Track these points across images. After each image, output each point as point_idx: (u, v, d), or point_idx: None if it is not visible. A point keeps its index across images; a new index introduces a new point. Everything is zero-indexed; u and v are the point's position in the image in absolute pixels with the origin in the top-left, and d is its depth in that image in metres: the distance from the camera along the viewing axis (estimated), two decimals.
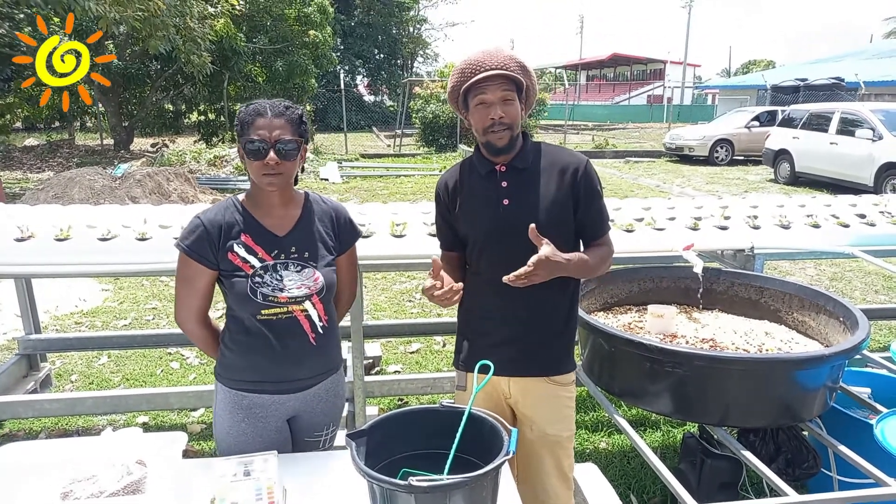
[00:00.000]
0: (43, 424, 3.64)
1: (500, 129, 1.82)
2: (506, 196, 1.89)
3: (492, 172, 1.91)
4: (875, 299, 5.97)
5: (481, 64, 1.81)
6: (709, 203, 3.79)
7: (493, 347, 1.94)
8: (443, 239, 2.07)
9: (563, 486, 2.03)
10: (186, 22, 12.58)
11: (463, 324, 2.08)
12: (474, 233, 1.94)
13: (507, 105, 1.82)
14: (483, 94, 1.81)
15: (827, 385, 2.25)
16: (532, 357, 1.96)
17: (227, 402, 1.84)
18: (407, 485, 1.22)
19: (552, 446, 1.99)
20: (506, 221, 1.88)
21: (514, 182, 1.90)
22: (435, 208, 2.06)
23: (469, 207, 1.95)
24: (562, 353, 2.00)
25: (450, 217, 2.00)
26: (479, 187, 1.94)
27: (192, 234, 1.77)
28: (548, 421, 1.98)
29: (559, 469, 2.01)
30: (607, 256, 1.97)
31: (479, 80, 1.80)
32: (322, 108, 30.80)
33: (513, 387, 1.98)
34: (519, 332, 1.94)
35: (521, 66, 1.85)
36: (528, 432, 1.99)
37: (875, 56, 26.05)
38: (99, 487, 1.49)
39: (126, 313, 5.51)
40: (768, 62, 48.40)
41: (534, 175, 1.91)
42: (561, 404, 1.99)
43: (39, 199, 9.31)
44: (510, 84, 1.82)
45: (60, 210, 3.40)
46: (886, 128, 11.46)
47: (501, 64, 1.81)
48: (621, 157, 19.17)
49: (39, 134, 24.46)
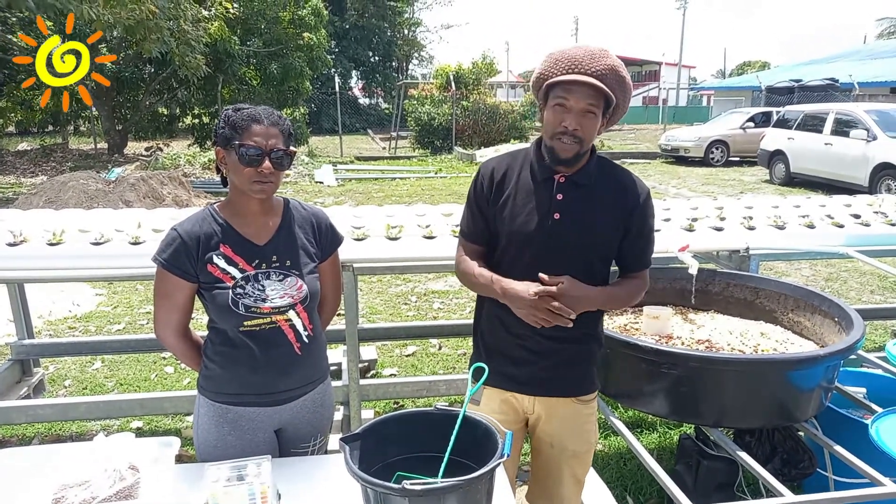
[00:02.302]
0: (36, 430, 3.62)
1: (568, 140, 1.67)
2: (558, 210, 1.76)
3: (549, 180, 1.78)
4: (870, 299, 5.99)
5: (578, 64, 1.65)
6: (704, 204, 3.80)
7: (519, 364, 1.85)
8: (472, 229, 1.88)
9: (575, 491, 2.01)
10: (180, 25, 12.55)
11: (483, 330, 1.94)
12: (513, 237, 1.80)
13: (586, 118, 1.67)
14: (566, 97, 1.66)
15: (822, 385, 2.25)
16: (562, 377, 1.87)
17: (211, 416, 1.80)
18: (401, 488, 1.21)
19: (570, 460, 1.94)
20: (552, 236, 1.76)
21: (569, 197, 1.76)
22: (471, 193, 1.87)
23: (515, 208, 1.79)
24: (590, 373, 1.92)
25: (487, 209, 1.83)
26: (530, 190, 1.79)
27: (170, 247, 1.72)
28: (570, 438, 1.92)
29: (575, 478, 1.98)
30: (641, 290, 1.87)
31: (571, 81, 1.65)
32: (317, 111, 30.80)
33: (538, 405, 1.90)
34: (549, 349, 1.83)
35: (619, 81, 1.68)
36: (549, 448, 1.94)
37: (869, 57, 26.16)
38: (91, 493, 1.48)
39: (120, 318, 5.48)
40: (763, 63, 48.53)
41: (591, 194, 1.78)
42: (584, 420, 1.92)
43: (32, 203, 9.27)
44: (599, 97, 1.66)
45: (53, 214, 3.38)
46: (881, 128, 11.51)
47: (599, 73, 1.64)
48: (617, 159, 18.99)
49: (33, 138, 24.37)
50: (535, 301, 1.69)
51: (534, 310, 1.70)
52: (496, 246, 1.86)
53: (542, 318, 1.70)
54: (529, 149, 1.86)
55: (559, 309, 1.68)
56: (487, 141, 19.55)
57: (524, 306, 1.71)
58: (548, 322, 1.71)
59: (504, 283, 1.75)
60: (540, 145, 1.81)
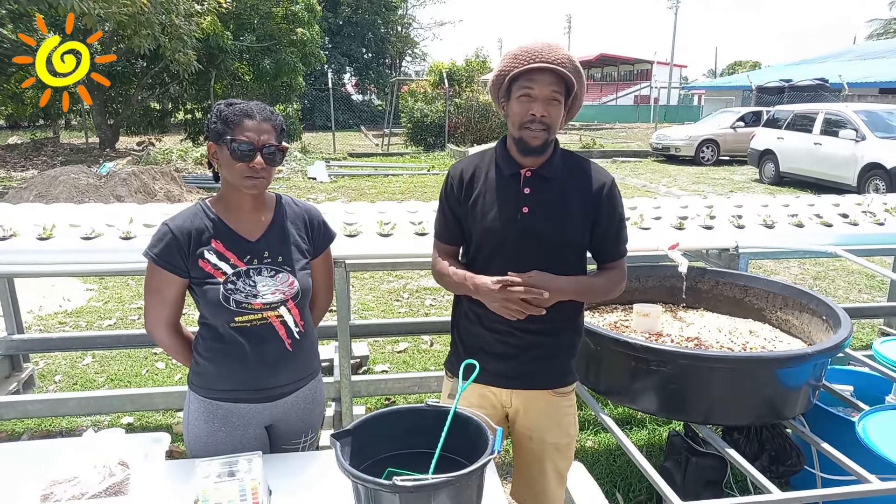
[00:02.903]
0: (26, 425, 3.60)
1: (537, 127, 1.72)
2: (526, 204, 1.79)
3: (515, 175, 1.81)
4: (858, 298, 6.04)
5: (538, 54, 1.71)
6: (694, 203, 3.82)
7: (497, 359, 1.87)
8: (445, 231, 1.93)
9: (559, 486, 2.03)
10: (172, 20, 12.48)
11: (461, 328, 1.97)
12: (484, 234, 1.83)
13: (551, 105, 1.72)
14: (531, 86, 1.71)
15: (810, 383, 2.27)
16: (539, 371, 1.89)
17: (201, 412, 1.80)
18: (391, 484, 1.22)
19: (552, 453, 1.96)
20: (522, 230, 1.79)
21: (536, 190, 1.80)
22: (442, 195, 1.93)
23: (484, 206, 1.83)
24: (568, 366, 1.95)
25: (459, 209, 1.88)
26: (498, 187, 1.82)
27: (161, 241, 1.71)
28: (549, 430, 1.94)
29: (557, 472, 2.00)
30: (618, 281, 1.89)
31: (532, 70, 1.70)
32: (310, 107, 30.71)
33: (515, 399, 1.92)
34: (527, 343, 1.86)
35: (576, 70, 1.74)
36: (529, 441, 1.95)
37: (858, 57, 26.35)
38: (80, 489, 1.47)
39: (111, 313, 5.46)
40: (754, 63, 48.73)
41: (558, 186, 1.81)
42: (562, 413, 1.95)
43: (23, 197, 9.20)
44: (561, 84, 1.72)
45: (44, 209, 3.36)
46: (869, 128, 11.59)
47: (559, 60, 1.70)
48: (608, 157, 19.23)
49: (24, 132, 24.19)
50: (503, 292, 1.72)
51: (505, 301, 1.72)
52: (468, 247, 1.90)
53: (515, 310, 1.73)
54: (496, 148, 1.89)
55: (528, 296, 1.71)
56: (480, 138, 19.54)
57: (494, 299, 1.74)
58: (521, 313, 1.74)
59: (476, 279, 1.79)
60: (504, 143, 1.86)
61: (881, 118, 11.94)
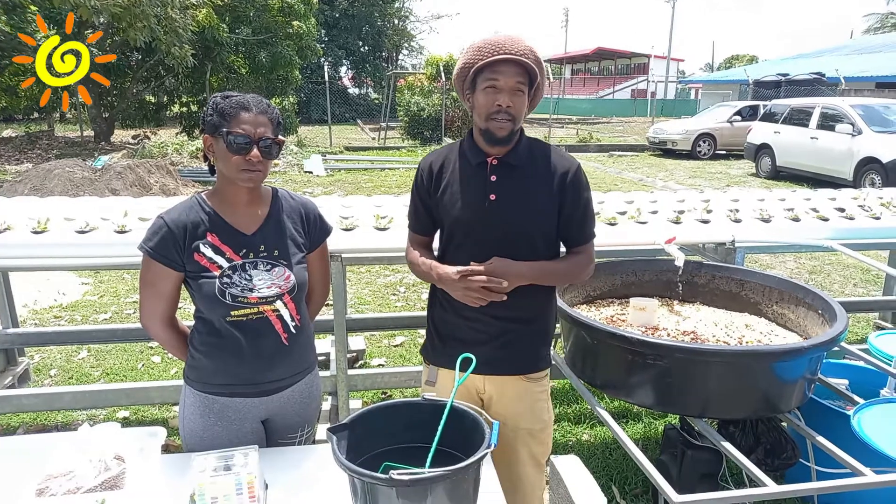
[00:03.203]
0: (21, 420, 3.59)
1: (503, 118, 1.76)
2: (493, 191, 1.84)
3: (482, 164, 1.86)
4: (853, 292, 6.06)
5: (501, 46, 1.75)
6: (691, 197, 3.82)
7: (470, 345, 1.86)
8: (417, 222, 2.01)
9: (536, 471, 2.06)
10: (167, 12, 12.41)
11: (436, 319, 2.02)
12: (454, 223, 1.88)
13: (516, 95, 1.77)
14: (496, 78, 1.75)
15: (805, 377, 2.27)
16: (511, 356, 1.93)
17: (197, 406, 1.80)
18: (388, 478, 1.22)
19: (526, 439, 1.99)
20: (490, 217, 1.83)
21: (503, 178, 1.85)
22: (413, 188, 1.99)
23: (453, 195, 1.88)
24: (540, 351, 1.99)
25: (429, 200, 1.94)
26: (466, 176, 1.88)
27: (156, 235, 1.70)
28: (522, 416, 1.97)
29: (533, 458, 2.03)
30: (584, 265, 1.93)
31: (496, 62, 1.74)
32: (306, 101, 30.58)
33: (488, 385, 1.95)
34: (498, 330, 1.90)
35: (538, 61, 1.79)
36: (503, 427, 1.95)
37: (855, 52, 26.36)
38: (76, 483, 1.47)
39: (106, 307, 5.45)
40: (751, 57, 48.74)
41: (524, 173, 1.86)
42: (535, 399, 1.98)
43: (17, 191, 9.16)
44: (524, 75, 1.76)
45: (38, 202, 3.35)
46: (865, 123, 11.61)
47: (521, 52, 1.75)
48: (605, 151, 19.24)
49: (18, 125, 24.04)
50: (463, 281, 1.77)
51: (466, 290, 1.78)
52: (442, 234, 1.95)
53: (476, 297, 1.78)
54: (463, 139, 1.95)
55: (488, 283, 1.76)
56: None
57: (456, 288, 1.80)
58: (482, 300, 1.79)
59: (439, 269, 1.85)
60: (472, 134, 1.91)
61: (878, 112, 11.96)
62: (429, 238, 2.02)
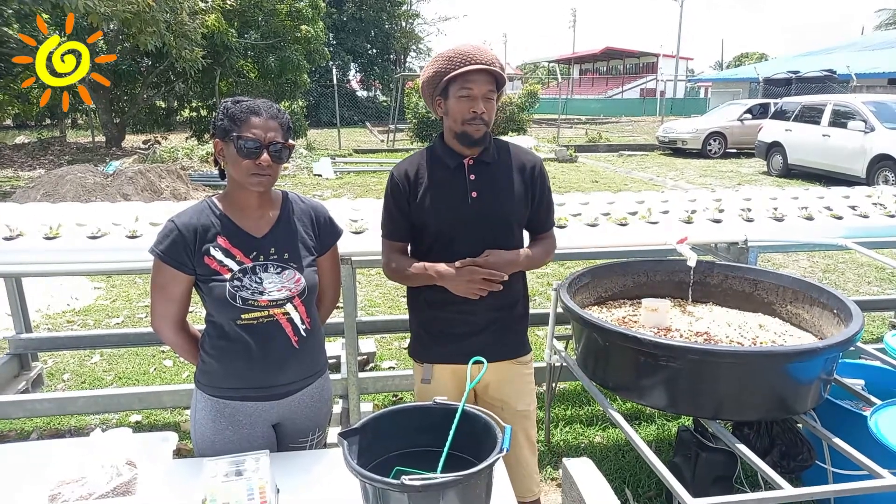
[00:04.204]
0: (35, 424, 3.62)
1: (479, 122, 1.91)
2: (474, 188, 1.98)
3: (460, 165, 1.99)
4: (868, 291, 6.00)
5: (472, 57, 1.89)
6: (702, 196, 3.79)
7: (463, 337, 2.04)
8: (395, 230, 2.08)
9: (530, 453, 2.21)
10: (177, 17, 12.48)
11: (423, 316, 2.12)
12: (440, 224, 1.99)
13: (488, 102, 1.92)
14: (469, 86, 1.89)
15: (821, 377, 2.25)
16: (502, 342, 2.08)
17: (208, 411, 1.80)
18: (400, 484, 1.21)
19: (521, 420, 2.13)
20: (475, 213, 1.97)
21: (481, 175, 1.99)
22: (387, 196, 2.07)
23: (435, 198, 1.99)
24: (524, 336, 2.17)
25: (407, 207, 2.03)
26: (445, 179, 2.00)
27: (167, 238, 1.71)
28: (517, 399, 2.13)
29: (528, 440, 2.18)
30: (551, 249, 2.15)
31: (469, 72, 1.87)
32: (314, 104, 30.67)
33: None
34: (488, 319, 2.04)
35: (502, 67, 1.95)
36: (500, 412, 2.07)
37: (866, 48, 26.12)
38: (88, 489, 1.47)
39: (118, 311, 5.48)
40: (760, 55, 48.44)
41: (498, 170, 2.02)
42: (525, 381, 2.16)
43: (30, 197, 9.24)
44: (493, 83, 1.92)
45: (50, 208, 3.37)
46: (878, 119, 11.50)
47: (491, 61, 1.90)
48: (615, 151, 19.17)
49: (30, 131, 24.28)
50: (465, 273, 1.90)
51: (470, 284, 1.91)
52: (422, 239, 2.05)
53: (478, 288, 1.92)
54: (433, 146, 2.07)
55: (490, 275, 1.90)
56: None
57: (459, 282, 1.92)
58: (483, 291, 1.93)
59: (437, 268, 1.96)
60: (442, 139, 2.04)
61: (890, 109, 11.84)
62: (405, 244, 2.11)
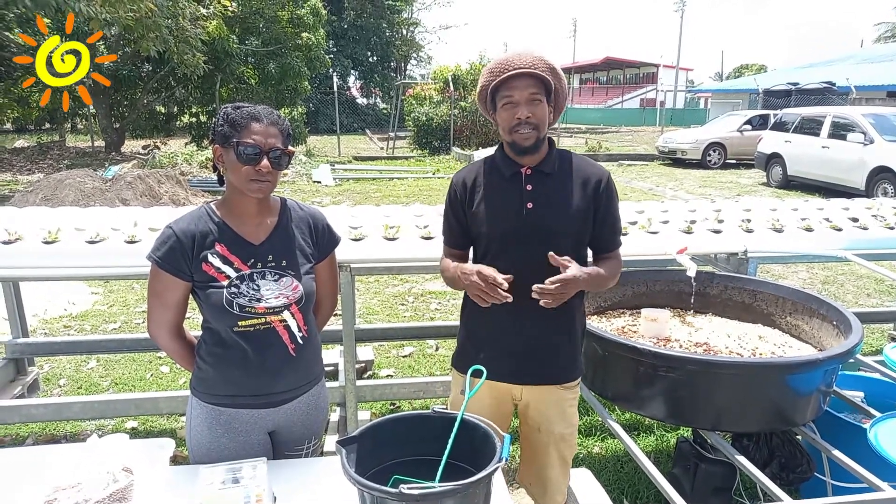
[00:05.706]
0: (30, 430, 3.59)
1: (526, 128, 1.82)
2: (530, 199, 1.89)
3: (516, 175, 1.91)
4: (867, 303, 6.00)
5: (510, 63, 1.83)
6: (702, 206, 3.79)
7: (508, 355, 1.95)
8: (451, 236, 2.04)
9: (563, 473, 2.13)
10: (179, 23, 12.52)
11: (472, 328, 2.03)
12: (493, 234, 1.92)
13: (533, 105, 1.82)
14: (510, 93, 1.82)
15: (821, 389, 2.24)
16: (548, 366, 1.98)
17: (203, 418, 1.78)
18: (398, 492, 1.20)
19: (558, 442, 2.05)
20: (529, 225, 1.88)
21: (538, 186, 1.90)
22: (447, 204, 2.03)
23: (490, 207, 1.92)
24: (575, 360, 2.04)
25: (463, 216, 1.98)
26: (501, 188, 1.93)
27: (164, 244, 1.70)
28: (556, 422, 2.03)
29: (562, 460, 2.09)
30: (618, 270, 2.00)
31: (507, 78, 1.81)
32: (315, 111, 30.76)
33: (525, 393, 2.01)
34: (535, 340, 1.94)
35: (550, 68, 1.85)
36: (537, 433, 2.05)
37: (866, 60, 26.23)
38: (84, 495, 1.46)
39: (116, 317, 5.46)
40: (760, 66, 48.61)
41: (558, 181, 1.91)
42: (568, 405, 2.04)
43: (29, 201, 9.23)
44: (538, 84, 1.82)
45: (49, 212, 3.36)
46: (877, 132, 11.53)
47: (530, 64, 1.81)
48: (614, 161, 19.20)
49: (30, 136, 24.31)
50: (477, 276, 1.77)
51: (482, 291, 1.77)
52: (477, 247, 1.99)
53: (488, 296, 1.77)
54: (494, 155, 1.99)
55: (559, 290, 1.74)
56: (485, 141, 19.54)
57: (470, 285, 1.81)
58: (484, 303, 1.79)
59: (462, 268, 1.87)
60: (502, 148, 1.96)
61: (889, 121, 11.87)
62: (464, 252, 2.05)
